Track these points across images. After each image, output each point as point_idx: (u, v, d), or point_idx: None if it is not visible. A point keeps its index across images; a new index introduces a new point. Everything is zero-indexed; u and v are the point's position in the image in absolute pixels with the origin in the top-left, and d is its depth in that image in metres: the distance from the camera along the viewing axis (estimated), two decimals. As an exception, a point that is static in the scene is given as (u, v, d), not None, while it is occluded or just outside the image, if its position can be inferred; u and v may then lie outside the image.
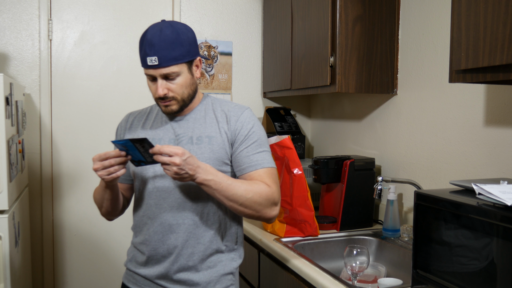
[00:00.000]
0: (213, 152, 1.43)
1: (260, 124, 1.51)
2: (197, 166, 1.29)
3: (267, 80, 2.85)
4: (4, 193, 1.80)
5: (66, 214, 2.60)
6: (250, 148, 1.44)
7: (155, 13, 2.71)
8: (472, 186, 1.17)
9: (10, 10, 2.46)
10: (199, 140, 1.45)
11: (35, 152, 2.53)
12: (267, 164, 1.44)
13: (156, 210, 1.45)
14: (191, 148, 1.43)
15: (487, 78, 1.22)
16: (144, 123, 1.54)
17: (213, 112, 1.50)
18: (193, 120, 1.49)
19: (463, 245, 1.14)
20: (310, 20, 2.26)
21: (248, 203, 1.36)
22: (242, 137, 1.45)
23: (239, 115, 1.48)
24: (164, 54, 1.35)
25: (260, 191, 1.37)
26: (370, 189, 2.13)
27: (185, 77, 1.41)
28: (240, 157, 1.44)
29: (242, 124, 1.46)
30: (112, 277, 2.69)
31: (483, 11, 1.18)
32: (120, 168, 1.32)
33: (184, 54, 1.38)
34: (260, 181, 1.40)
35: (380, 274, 1.75)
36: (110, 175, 1.31)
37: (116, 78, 2.66)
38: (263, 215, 1.41)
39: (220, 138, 1.45)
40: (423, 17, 2.02)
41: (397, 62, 2.18)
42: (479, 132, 1.75)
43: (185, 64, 1.40)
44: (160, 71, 1.37)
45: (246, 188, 1.36)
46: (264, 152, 1.45)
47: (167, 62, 1.35)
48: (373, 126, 2.37)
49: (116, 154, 1.30)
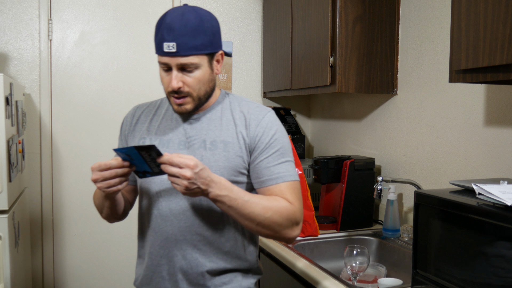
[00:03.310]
0: (228, 160, 1.26)
1: (283, 129, 1.33)
2: (210, 180, 1.13)
3: (267, 80, 2.85)
4: (4, 193, 1.80)
5: (66, 214, 2.60)
6: (271, 158, 1.26)
7: (155, 13, 2.71)
8: (472, 186, 1.17)
9: (10, 10, 2.46)
10: (213, 145, 1.28)
11: (35, 152, 2.53)
12: (290, 177, 1.26)
13: (162, 224, 1.30)
14: (204, 153, 1.27)
15: (487, 78, 1.22)
16: (152, 119, 1.38)
17: (231, 113, 1.32)
18: (208, 121, 1.31)
19: (463, 245, 1.14)
20: (310, 20, 2.26)
21: (267, 223, 1.20)
22: (263, 145, 1.27)
23: (260, 118, 1.29)
24: (184, 41, 1.17)
25: (280, 210, 1.21)
26: (370, 189, 2.13)
27: (204, 71, 1.23)
28: (259, 167, 1.27)
29: (264, 129, 1.28)
30: (112, 277, 2.69)
31: (483, 11, 1.18)
32: (121, 181, 1.16)
33: (206, 44, 1.20)
34: (281, 197, 1.24)
35: (380, 274, 1.75)
36: (110, 188, 1.15)
37: (116, 78, 2.66)
38: (282, 236, 1.25)
39: (237, 144, 1.27)
40: (423, 17, 2.02)
41: (397, 62, 2.18)
42: (479, 132, 1.75)
43: (205, 56, 1.22)
44: (177, 60, 1.19)
45: (265, 205, 1.20)
46: (287, 162, 1.28)
47: (186, 50, 1.18)
48: (373, 126, 2.37)
49: (118, 164, 1.13)
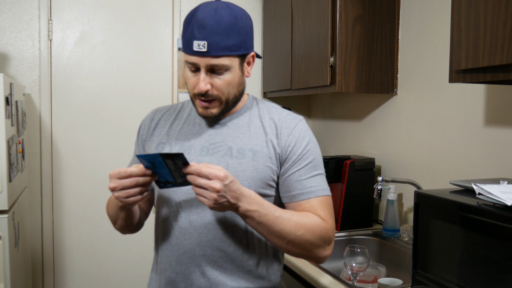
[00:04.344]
0: (257, 170, 1.16)
1: (315, 139, 1.24)
2: (240, 193, 1.04)
3: (267, 80, 2.85)
4: (4, 193, 1.80)
5: (66, 214, 2.60)
6: (303, 170, 1.17)
7: (155, 13, 2.71)
8: (472, 186, 1.17)
9: (10, 10, 2.46)
10: (240, 153, 1.18)
11: (35, 152, 2.53)
12: (323, 192, 1.18)
13: (180, 237, 1.20)
14: (230, 162, 1.16)
15: (487, 78, 1.22)
16: (173, 123, 1.28)
17: (260, 119, 1.23)
18: (235, 127, 1.21)
19: (463, 245, 1.14)
20: (310, 20, 2.26)
21: (298, 241, 1.12)
22: (295, 156, 1.18)
23: (292, 127, 1.20)
24: (216, 40, 1.08)
25: (313, 227, 1.12)
26: (370, 189, 2.13)
27: (235, 74, 1.15)
28: (290, 180, 1.17)
29: (296, 139, 1.19)
30: (113, 277, 2.69)
31: (483, 11, 1.18)
32: (142, 191, 1.06)
33: (239, 44, 1.11)
34: (313, 214, 1.15)
35: (380, 274, 1.75)
36: (129, 198, 1.05)
37: (116, 78, 2.66)
38: (313, 255, 1.17)
39: (267, 154, 1.17)
40: (423, 17, 2.02)
41: (397, 62, 2.18)
42: (479, 132, 1.75)
43: (237, 58, 1.14)
44: (208, 60, 1.10)
45: (297, 222, 1.11)
46: (319, 175, 1.19)
47: (218, 51, 1.09)
48: (373, 126, 2.37)
49: (140, 172, 1.04)
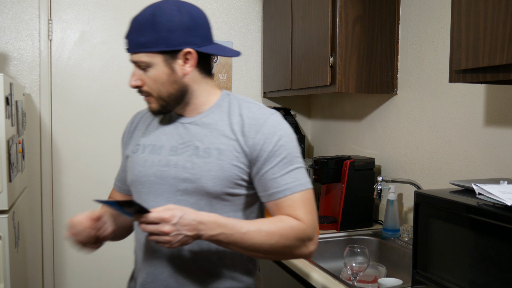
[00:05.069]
0: (223, 170, 1.13)
1: (290, 131, 1.19)
2: (197, 223, 1.02)
3: (267, 80, 2.85)
4: (4, 193, 1.80)
5: (66, 214, 2.60)
6: (277, 167, 1.13)
7: (155, 13, 2.71)
8: (472, 186, 1.17)
9: (10, 10, 2.46)
10: (206, 152, 1.15)
11: (35, 152, 2.53)
12: (300, 187, 1.14)
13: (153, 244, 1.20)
14: (196, 161, 1.15)
15: (487, 78, 1.22)
16: (150, 124, 1.30)
17: (228, 116, 1.19)
18: (204, 125, 1.20)
19: (463, 245, 1.14)
20: (310, 20, 2.26)
21: (274, 249, 1.10)
22: (266, 154, 1.13)
23: (261, 123, 1.15)
24: (132, 38, 1.15)
25: (286, 232, 1.10)
26: (370, 189, 2.13)
27: (159, 71, 1.15)
28: (265, 179, 1.14)
29: (265, 136, 1.14)
30: (112, 277, 2.69)
31: (483, 11, 1.18)
32: (97, 239, 1.22)
33: (155, 41, 1.12)
34: (287, 216, 1.12)
35: (380, 274, 1.75)
36: (85, 246, 1.22)
37: (116, 78, 2.66)
38: (297, 256, 1.16)
39: (234, 153, 1.14)
40: (423, 17, 2.02)
41: (397, 62, 2.18)
42: (479, 132, 1.75)
43: (158, 55, 1.13)
44: (131, 57, 1.17)
45: (268, 231, 1.08)
46: (295, 170, 1.15)
47: (134, 48, 1.15)
48: (373, 126, 2.37)
49: (91, 225, 1.21)
